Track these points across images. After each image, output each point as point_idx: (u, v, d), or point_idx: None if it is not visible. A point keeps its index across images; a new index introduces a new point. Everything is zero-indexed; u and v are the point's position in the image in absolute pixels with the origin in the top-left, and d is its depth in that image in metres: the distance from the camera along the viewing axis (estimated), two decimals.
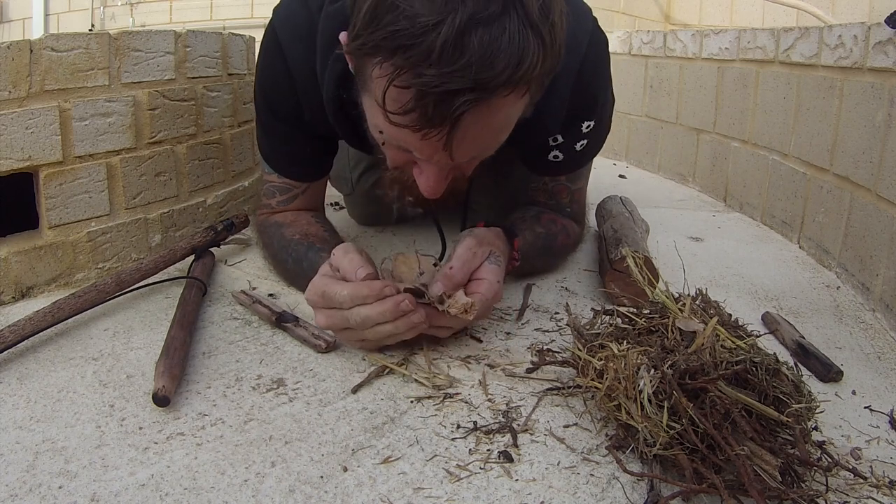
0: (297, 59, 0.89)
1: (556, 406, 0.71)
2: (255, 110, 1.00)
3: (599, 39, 0.92)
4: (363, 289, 0.73)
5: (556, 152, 0.98)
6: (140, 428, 0.66)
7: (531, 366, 0.79)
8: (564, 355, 0.80)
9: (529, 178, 1.07)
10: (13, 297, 0.94)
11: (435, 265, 0.83)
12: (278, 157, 1.02)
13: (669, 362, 0.60)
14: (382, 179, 0.84)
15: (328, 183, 1.31)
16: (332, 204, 1.52)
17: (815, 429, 0.65)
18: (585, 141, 0.97)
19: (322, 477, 0.59)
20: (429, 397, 0.72)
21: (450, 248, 0.86)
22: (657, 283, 0.81)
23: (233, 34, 1.34)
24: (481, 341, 0.85)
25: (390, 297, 0.73)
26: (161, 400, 0.67)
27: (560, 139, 0.96)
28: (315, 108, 0.90)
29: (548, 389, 0.74)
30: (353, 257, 0.77)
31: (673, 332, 0.66)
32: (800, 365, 0.80)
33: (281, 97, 0.93)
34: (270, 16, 0.92)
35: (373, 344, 0.79)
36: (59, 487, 0.57)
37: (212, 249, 1.10)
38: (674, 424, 0.57)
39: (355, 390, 0.73)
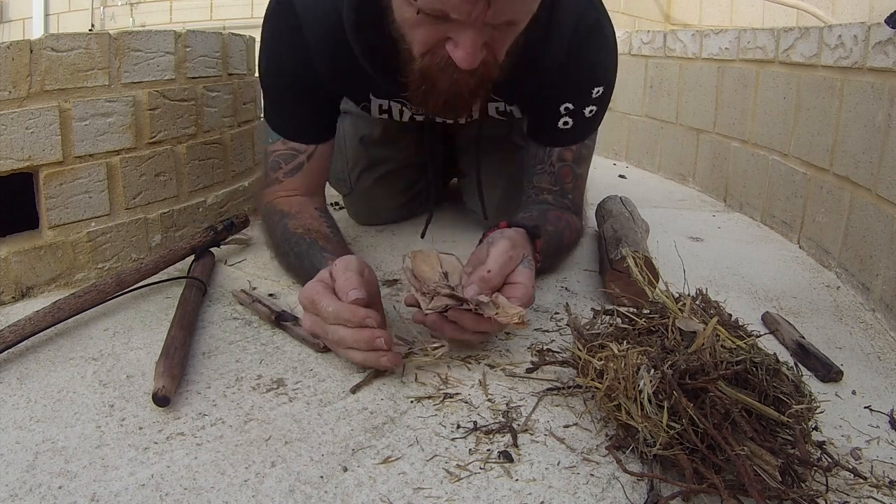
0: (307, 7, 0.92)
1: (556, 406, 0.71)
2: (261, 80, 1.03)
3: (605, 15, 0.99)
4: (346, 312, 0.73)
5: (567, 118, 1.00)
6: (140, 428, 0.66)
7: (531, 366, 0.79)
8: (564, 355, 0.80)
9: (534, 162, 1.07)
10: (13, 297, 0.94)
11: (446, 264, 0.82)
12: (284, 120, 1.03)
13: (669, 362, 0.60)
14: (409, 78, 0.83)
15: (328, 184, 1.31)
16: (332, 204, 1.52)
17: (816, 429, 0.65)
18: (594, 107, 1.00)
19: (322, 477, 0.59)
20: (429, 397, 0.72)
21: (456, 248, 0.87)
22: (657, 283, 0.81)
23: (233, 34, 1.34)
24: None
25: (368, 328, 0.73)
26: (161, 400, 0.67)
27: (571, 107, 0.99)
28: (328, 57, 0.94)
29: (548, 389, 0.74)
30: (350, 276, 0.76)
31: (673, 332, 0.66)
32: (800, 365, 0.80)
33: (290, 55, 0.96)
34: None
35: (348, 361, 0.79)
36: (59, 487, 0.57)
37: (212, 249, 1.10)
38: (674, 424, 0.57)
39: (355, 390, 0.73)
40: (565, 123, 1.00)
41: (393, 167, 1.33)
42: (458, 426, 0.67)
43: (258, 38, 1.05)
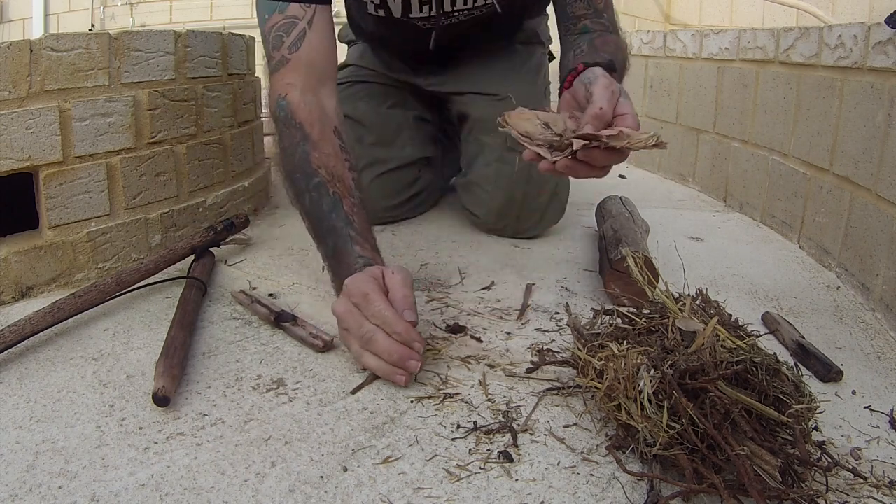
0: None
1: (556, 406, 0.71)
2: None
3: None
4: (399, 325, 0.74)
5: None
6: (140, 428, 0.66)
7: (531, 366, 0.79)
8: (564, 355, 0.80)
9: None
10: (13, 297, 0.94)
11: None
12: None
13: (669, 362, 0.60)
14: None
15: None
16: None
17: (815, 429, 0.65)
18: None
19: (322, 477, 0.59)
20: (429, 397, 0.72)
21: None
22: (657, 283, 0.81)
23: (233, 34, 1.34)
24: (481, 341, 0.85)
25: (408, 349, 0.74)
26: (161, 400, 0.67)
27: None
28: None
29: (548, 389, 0.74)
30: (408, 296, 0.77)
31: (673, 332, 0.66)
32: (800, 365, 0.81)
33: None
34: None
35: (353, 355, 0.79)
36: (59, 487, 0.57)
37: (212, 249, 1.10)
38: (674, 424, 0.57)
39: (355, 390, 0.73)
40: None
41: (391, 166, 1.34)
42: (458, 426, 0.67)
43: (258, 39, 1.05)
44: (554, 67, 1.33)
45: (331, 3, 1.03)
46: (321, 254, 0.91)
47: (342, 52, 1.58)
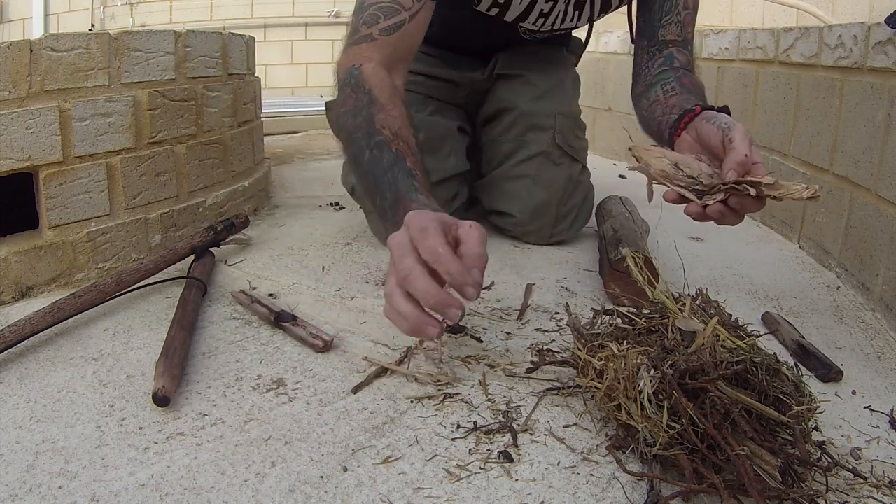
0: None
1: (556, 406, 0.71)
2: None
3: None
4: (453, 264, 0.63)
5: None
6: (140, 428, 0.66)
7: (531, 366, 0.79)
8: (564, 355, 0.80)
9: (660, 14, 1.10)
10: (13, 297, 0.94)
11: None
12: None
13: (669, 362, 0.60)
14: None
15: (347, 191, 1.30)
16: (332, 204, 1.52)
17: (816, 429, 0.65)
18: None
19: (322, 477, 0.59)
20: (429, 397, 0.72)
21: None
22: (657, 283, 0.82)
23: (233, 34, 1.34)
24: (481, 341, 0.85)
25: (448, 295, 0.63)
26: (161, 400, 0.67)
27: None
28: None
29: (548, 389, 0.74)
30: (482, 255, 0.66)
31: (673, 333, 0.66)
32: (800, 365, 0.81)
33: None
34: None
35: (385, 296, 0.67)
36: (59, 487, 0.57)
37: (212, 249, 1.10)
38: (674, 424, 0.57)
39: (355, 390, 0.73)
40: None
41: (434, 180, 1.21)
42: (458, 426, 0.67)
43: (258, 39, 1.05)
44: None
45: (435, 2, 1.01)
46: (377, 211, 0.82)
47: None
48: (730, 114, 0.90)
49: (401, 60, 0.98)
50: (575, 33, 1.43)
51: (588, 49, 1.48)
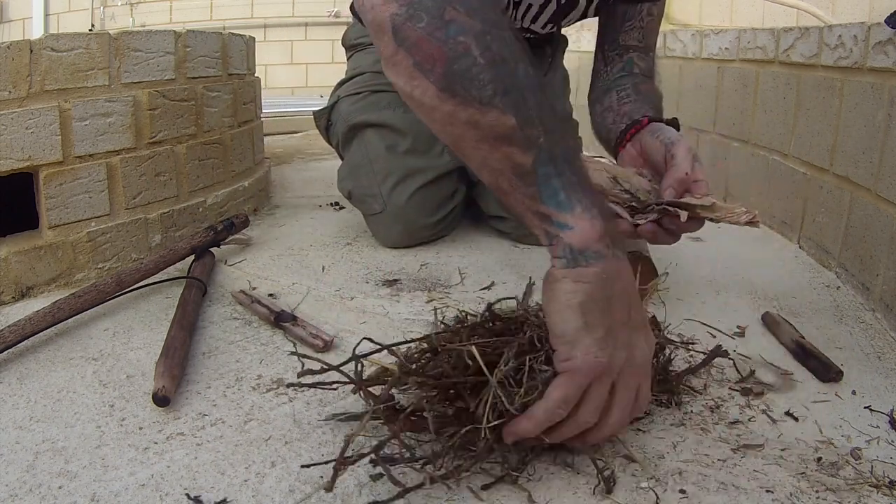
0: None
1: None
2: None
3: None
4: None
5: None
6: (140, 428, 0.66)
7: None
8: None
9: (623, 20, 1.07)
10: (13, 297, 0.94)
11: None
12: None
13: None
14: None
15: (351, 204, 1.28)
16: (332, 204, 1.52)
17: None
18: None
19: (322, 477, 0.59)
20: None
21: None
22: (657, 282, 0.82)
23: (233, 34, 1.34)
24: None
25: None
26: (161, 400, 0.67)
27: None
28: None
29: None
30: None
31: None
32: (801, 365, 0.81)
33: None
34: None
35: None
36: (59, 487, 0.57)
37: (212, 249, 1.10)
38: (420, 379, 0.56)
39: (355, 390, 0.73)
40: None
41: (430, 177, 1.21)
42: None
43: (258, 39, 1.05)
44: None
45: None
46: (546, 154, 0.54)
47: (341, 56, 1.57)
48: (678, 127, 0.87)
49: None
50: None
51: (584, 49, 1.49)
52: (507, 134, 0.54)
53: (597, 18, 1.18)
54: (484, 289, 1.03)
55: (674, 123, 0.87)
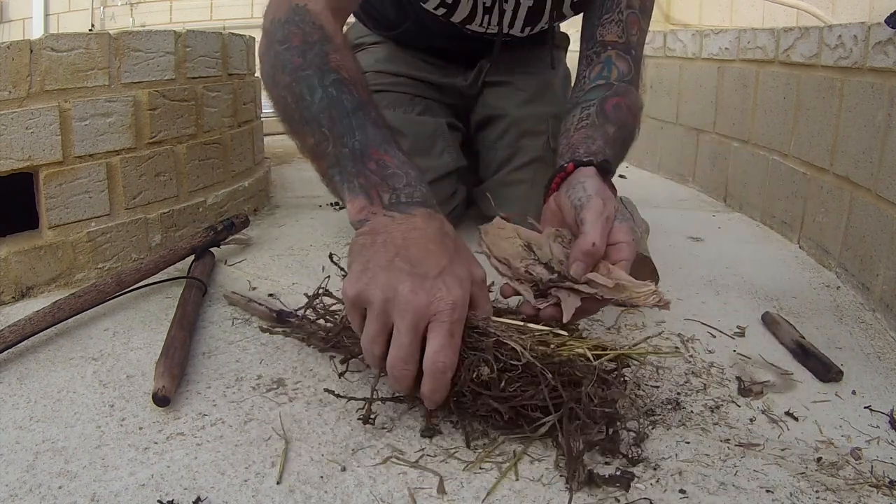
0: None
1: None
2: None
3: None
4: (434, 381, 0.60)
5: None
6: (140, 428, 0.66)
7: None
8: None
9: (600, 13, 1.00)
10: (13, 297, 0.94)
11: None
12: None
13: None
14: None
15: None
16: (332, 204, 1.52)
17: None
18: None
19: (322, 477, 0.59)
20: None
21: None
22: (657, 282, 0.81)
23: (233, 34, 1.34)
24: None
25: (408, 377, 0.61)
26: (161, 400, 0.67)
27: None
28: None
29: None
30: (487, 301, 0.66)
31: None
32: (801, 365, 0.81)
33: None
34: None
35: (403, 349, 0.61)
36: (59, 487, 0.57)
37: (212, 249, 1.10)
38: None
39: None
40: None
41: (430, 178, 1.18)
42: (457, 425, 0.67)
43: (258, 39, 1.05)
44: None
45: None
46: (327, 158, 0.71)
47: None
48: (609, 170, 0.79)
49: (343, 11, 0.86)
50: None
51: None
52: (311, 149, 0.73)
53: None
54: None
55: (604, 165, 0.79)
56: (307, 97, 0.72)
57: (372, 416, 0.64)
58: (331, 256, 0.81)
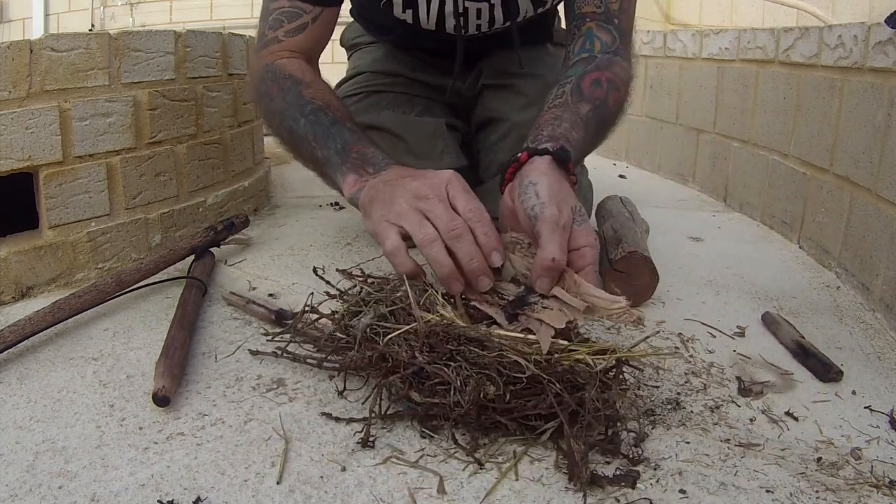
0: None
1: None
2: None
3: None
4: (489, 226, 0.69)
5: None
6: (140, 428, 0.66)
7: None
8: None
9: None
10: (13, 297, 0.94)
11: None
12: None
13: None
14: None
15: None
16: (332, 204, 1.52)
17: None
18: None
19: (322, 477, 0.59)
20: None
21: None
22: (657, 282, 0.81)
23: (233, 34, 1.34)
24: None
25: (485, 263, 0.68)
26: (161, 400, 0.67)
27: None
28: None
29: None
30: (486, 221, 0.71)
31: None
32: (801, 365, 0.81)
33: None
34: None
35: (418, 243, 0.70)
36: (59, 487, 0.57)
37: (212, 249, 1.10)
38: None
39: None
40: None
41: None
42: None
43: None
44: None
45: (339, 6, 1.03)
46: (321, 162, 0.88)
47: (341, 56, 1.57)
48: (566, 159, 0.75)
49: (313, 57, 1.04)
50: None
51: None
52: (307, 158, 0.92)
53: None
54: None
55: (562, 152, 0.75)
56: (295, 127, 0.91)
57: (371, 439, 0.63)
58: (315, 270, 0.90)
